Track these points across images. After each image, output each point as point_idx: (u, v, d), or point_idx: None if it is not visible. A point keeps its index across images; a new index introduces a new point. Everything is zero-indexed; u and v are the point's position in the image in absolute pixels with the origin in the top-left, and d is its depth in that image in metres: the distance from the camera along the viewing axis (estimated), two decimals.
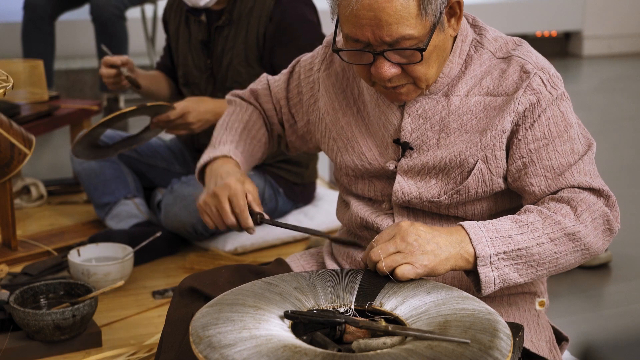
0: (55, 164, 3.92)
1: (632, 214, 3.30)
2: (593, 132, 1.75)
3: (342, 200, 1.80)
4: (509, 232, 1.46)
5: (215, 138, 1.85)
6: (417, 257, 1.41)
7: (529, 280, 1.48)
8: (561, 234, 1.47)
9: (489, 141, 1.55)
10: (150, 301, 2.51)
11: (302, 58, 1.84)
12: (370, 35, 1.47)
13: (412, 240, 1.42)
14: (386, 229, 1.46)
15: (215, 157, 1.79)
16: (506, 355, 1.24)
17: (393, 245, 1.42)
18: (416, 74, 1.53)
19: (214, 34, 2.80)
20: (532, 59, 1.57)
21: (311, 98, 1.79)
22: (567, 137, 1.55)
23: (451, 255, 1.43)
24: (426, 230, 1.44)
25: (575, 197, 1.51)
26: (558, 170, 1.54)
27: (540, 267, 1.48)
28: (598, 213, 1.51)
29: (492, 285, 1.46)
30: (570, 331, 1.83)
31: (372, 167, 1.67)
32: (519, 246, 1.45)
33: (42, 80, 3.43)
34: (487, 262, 1.44)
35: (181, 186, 2.78)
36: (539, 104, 1.53)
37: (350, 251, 1.73)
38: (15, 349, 2.15)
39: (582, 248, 1.50)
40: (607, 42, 6.73)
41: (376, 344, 1.29)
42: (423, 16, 1.46)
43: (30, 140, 2.68)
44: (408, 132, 1.62)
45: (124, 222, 2.85)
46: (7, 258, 2.70)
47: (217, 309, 1.34)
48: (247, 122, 1.86)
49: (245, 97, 1.91)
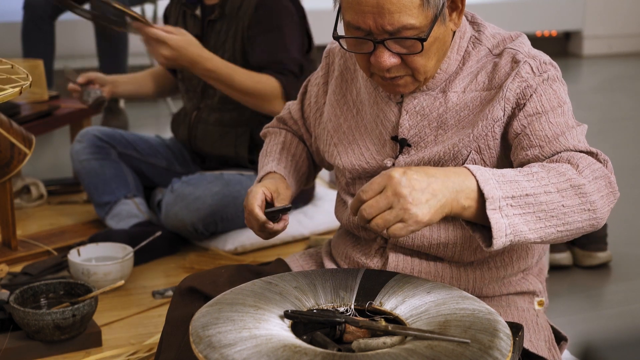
0: (55, 164, 3.92)
1: (632, 214, 3.30)
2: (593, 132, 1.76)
3: (340, 199, 1.80)
4: (516, 177, 1.35)
5: (259, 166, 1.86)
6: (410, 214, 1.28)
7: (538, 238, 1.36)
8: (567, 185, 1.37)
9: (480, 131, 1.55)
10: (150, 301, 2.51)
11: (312, 76, 1.86)
12: (371, 23, 1.48)
13: (405, 192, 1.28)
14: (376, 178, 1.31)
15: (261, 178, 1.80)
16: (506, 355, 1.24)
17: (385, 200, 1.29)
18: (415, 65, 1.53)
19: (207, 28, 2.82)
20: (523, 48, 1.57)
21: (317, 112, 1.81)
22: (560, 111, 1.52)
23: (447, 201, 1.31)
24: (420, 178, 1.30)
25: (574, 156, 1.43)
26: (552, 138, 1.49)
27: (549, 222, 1.36)
28: (599, 172, 1.42)
29: (504, 236, 1.32)
30: (570, 331, 1.83)
31: (370, 166, 1.66)
32: (527, 192, 1.34)
33: (42, 80, 3.43)
34: (496, 206, 1.31)
35: (182, 185, 2.78)
36: (529, 86, 1.53)
37: (349, 251, 1.73)
38: (15, 348, 2.15)
39: (589, 208, 1.38)
40: (607, 42, 6.73)
41: (376, 344, 1.29)
42: (425, 6, 1.47)
43: (30, 140, 2.68)
44: (406, 128, 1.62)
45: (124, 222, 2.85)
46: (7, 258, 2.70)
47: (217, 309, 1.34)
48: (283, 142, 1.87)
49: (274, 125, 1.94)
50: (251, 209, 1.67)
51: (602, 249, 2.85)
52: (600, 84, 5.85)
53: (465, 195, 1.32)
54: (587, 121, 1.66)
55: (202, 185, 2.77)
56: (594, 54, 6.72)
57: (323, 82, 1.80)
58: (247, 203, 1.68)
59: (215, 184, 2.78)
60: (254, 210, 1.66)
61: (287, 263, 1.80)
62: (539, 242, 1.37)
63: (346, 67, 1.75)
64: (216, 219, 2.77)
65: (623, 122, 4.87)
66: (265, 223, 1.67)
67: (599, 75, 6.10)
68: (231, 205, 2.77)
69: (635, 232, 3.16)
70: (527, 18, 6.52)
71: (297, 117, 1.88)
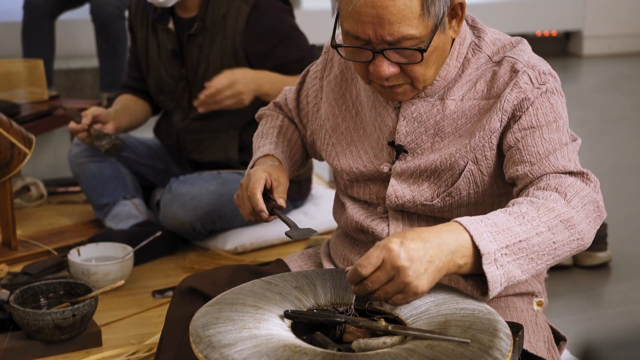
0: (55, 163, 3.92)
1: (632, 214, 3.30)
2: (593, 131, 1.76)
3: (338, 201, 1.79)
4: (508, 224, 1.37)
5: (255, 147, 1.83)
6: (411, 287, 1.29)
7: (529, 276, 1.41)
8: (557, 221, 1.40)
9: (477, 142, 1.54)
10: (150, 301, 2.51)
11: (311, 68, 1.83)
12: (371, 32, 1.46)
13: (406, 265, 1.27)
14: (373, 250, 1.30)
15: (257, 159, 1.77)
16: (506, 355, 1.24)
17: (385, 275, 1.28)
18: (414, 74, 1.52)
19: (186, 42, 2.77)
20: (523, 57, 1.55)
21: (314, 107, 1.79)
22: (555, 126, 1.52)
23: (444, 265, 1.32)
24: (417, 246, 1.29)
25: (562, 183, 1.45)
26: (543, 155, 1.49)
27: (540, 260, 1.40)
28: (588, 199, 1.45)
29: (498, 286, 1.35)
30: (570, 331, 1.83)
31: (367, 169, 1.66)
32: (520, 238, 1.36)
33: (42, 80, 3.43)
34: (492, 260, 1.33)
35: (179, 185, 2.78)
36: (526, 99, 1.51)
37: (347, 252, 1.73)
38: (15, 348, 2.15)
39: (577, 237, 1.42)
40: (607, 41, 6.73)
41: (376, 344, 1.29)
42: (426, 16, 1.45)
43: (30, 139, 2.68)
44: (403, 135, 1.61)
45: (124, 223, 2.85)
46: (7, 258, 2.70)
47: (217, 309, 1.34)
48: (280, 126, 1.85)
49: (271, 109, 1.91)
50: (253, 193, 1.63)
51: (602, 249, 2.85)
52: (600, 84, 5.86)
53: (461, 254, 1.33)
54: (587, 121, 1.66)
55: (199, 184, 2.77)
56: (594, 54, 6.73)
57: (319, 77, 1.78)
58: (250, 186, 1.64)
59: (212, 183, 2.77)
60: (255, 195, 1.63)
61: (287, 263, 1.80)
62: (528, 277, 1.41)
63: (347, 66, 1.73)
64: (214, 218, 2.77)
65: (623, 122, 4.87)
66: (261, 212, 1.64)
67: (599, 75, 6.10)
68: (228, 204, 2.76)
69: (635, 232, 3.16)
70: (527, 18, 6.52)
71: (292, 106, 1.85)
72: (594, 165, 2.08)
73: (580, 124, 4.58)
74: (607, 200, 1.55)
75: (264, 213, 1.64)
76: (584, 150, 1.63)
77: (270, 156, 1.76)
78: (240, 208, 1.69)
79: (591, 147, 4.03)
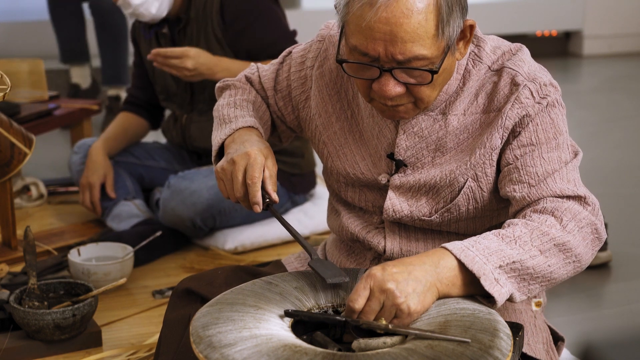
0: (55, 163, 3.92)
1: (632, 214, 3.30)
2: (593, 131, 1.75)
3: (332, 207, 1.76)
4: (499, 247, 1.38)
5: (226, 115, 1.68)
6: (402, 308, 1.32)
7: (525, 297, 1.41)
8: (550, 245, 1.41)
9: (478, 159, 1.53)
10: (150, 301, 2.51)
11: (294, 49, 1.73)
12: (381, 50, 1.41)
13: (392, 287, 1.31)
14: (359, 284, 1.33)
15: (238, 128, 1.63)
16: (506, 355, 1.24)
17: (376, 302, 1.32)
18: (420, 95, 1.47)
19: (178, 39, 2.81)
20: (523, 69, 1.52)
21: (302, 94, 1.70)
22: (554, 144, 1.50)
23: (432, 283, 1.35)
24: (399, 269, 1.33)
25: (559, 207, 1.45)
26: (542, 177, 1.48)
27: (534, 282, 1.41)
28: (585, 222, 1.45)
29: (501, 302, 1.38)
30: (570, 331, 1.83)
31: (364, 177, 1.63)
32: (514, 259, 1.38)
33: (42, 80, 3.43)
34: (492, 280, 1.36)
35: (178, 180, 2.77)
36: (527, 115, 1.50)
37: (343, 260, 1.72)
38: (15, 348, 2.15)
39: (574, 260, 1.43)
40: (607, 41, 6.73)
41: (376, 344, 1.29)
42: (440, 37, 1.41)
43: (31, 139, 2.68)
44: (403, 149, 1.58)
45: (125, 222, 2.85)
46: (7, 257, 2.70)
47: (218, 309, 1.34)
48: (254, 102, 1.73)
49: (243, 82, 1.78)
50: (253, 182, 1.53)
51: (602, 249, 2.85)
52: (600, 84, 5.85)
53: (446, 271, 1.36)
54: (587, 121, 1.66)
55: (197, 179, 2.76)
56: (594, 53, 6.72)
57: (310, 66, 1.69)
58: (250, 172, 1.53)
59: (211, 178, 2.77)
60: (256, 185, 1.53)
61: (284, 265, 1.79)
62: (524, 299, 1.43)
63: None
64: (213, 213, 2.76)
65: (623, 122, 4.86)
66: (256, 205, 1.54)
67: (599, 75, 6.09)
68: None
69: (635, 232, 3.16)
70: (527, 18, 6.51)
71: (269, 86, 1.74)
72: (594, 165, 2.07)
73: (580, 124, 4.58)
74: (607, 200, 1.55)
75: (257, 206, 1.54)
76: (584, 150, 1.62)
77: (255, 130, 1.64)
78: (221, 182, 1.57)
79: (591, 147, 4.02)
